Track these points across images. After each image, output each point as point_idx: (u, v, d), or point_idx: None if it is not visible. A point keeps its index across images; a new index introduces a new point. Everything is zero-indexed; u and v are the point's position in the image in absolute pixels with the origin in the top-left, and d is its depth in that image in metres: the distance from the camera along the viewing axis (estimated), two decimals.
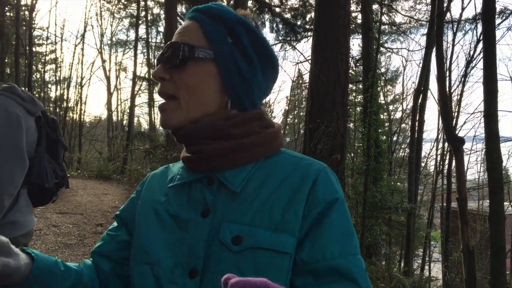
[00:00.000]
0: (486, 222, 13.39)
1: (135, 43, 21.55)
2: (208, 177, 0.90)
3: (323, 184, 0.87)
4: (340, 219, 0.84)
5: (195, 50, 0.90)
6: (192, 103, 0.91)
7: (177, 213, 0.91)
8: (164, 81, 0.92)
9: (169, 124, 0.92)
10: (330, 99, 6.66)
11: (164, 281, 0.86)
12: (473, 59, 12.32)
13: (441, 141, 17.06)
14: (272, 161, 0.93)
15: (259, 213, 0.84)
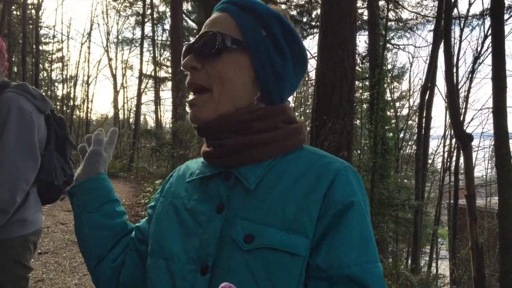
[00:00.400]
0: (494, 219, 13.33)
1: (141, 41, 21.59)
2: (226, 172, 0.89)
3: (341, 184, 0.81)
4: (358, 224, 0.79)
5: (230, 40, 0.88)
6: (224, 96, 0.88)
7: (193, 207, 0.90)
8: (196, 71, 0.89)
9: (200, 119, 0.89)
10: (337, 96, 6.63)
11: (177, 277, 0.84)
12: (480, 55, 12.24)
13: (448, 137, 16.98)
14: (291, 158, 0.89)
15: (272, 212, 0.81)
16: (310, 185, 0.82)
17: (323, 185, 0.81)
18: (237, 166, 0.87)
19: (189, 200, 0.92)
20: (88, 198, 1.03)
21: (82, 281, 4.96)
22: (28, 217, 2.18)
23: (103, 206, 1.04)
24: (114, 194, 1.08)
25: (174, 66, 14.86)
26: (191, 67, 0.89)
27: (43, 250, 5.97)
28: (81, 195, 1.03)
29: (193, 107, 0.90)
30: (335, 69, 6.70)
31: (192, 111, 0.90)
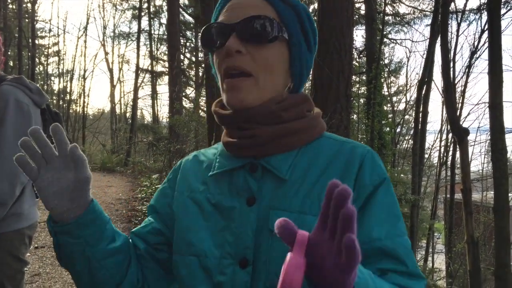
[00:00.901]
0: (490, 213, 13.39)
1: (138, 35, 21.50)
2: (251, 164, 0.88)
3: (369, 167, 0.86)
4: (386, 201, 0.84)
5: (283, 29, 0.88)
6: (268, 84, 0.87)
7: (219, 201, 0.89)
8: (240, 55, 0.85)
9: (244, 104, 0.86)
10: (334, 91, 6.62)
11: (214, 272, 0.84)
12: (477, 49, 12.24)
13: (445, 132, 17.03)
14: (315, 146, 0.91)
15: (307, 200, 0.83)
16: (340, 171, 0.86)
17: (352, 170, 0.85)
18: (266, 156, 0.88)
19: (213, 195, 0.91)
20: (89, 232, 0.87)
21: None
22: (24, 211, 2.18)
23: (104, 233, 0.89)
24: (105, 215, 0.94)
25: (171, 60, 14.80)
26: (236, 51, 0.84)
27: (39, 244, 5.97)
28: (80, 231, 0.85)
29: (238, 91, 0.86)
30: (332, 63, 6.69)
31: (236, 93, 0.86)
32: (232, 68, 0.85)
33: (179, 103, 13.81)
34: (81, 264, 0.87)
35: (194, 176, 0.98)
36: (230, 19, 0.87)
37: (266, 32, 0.85)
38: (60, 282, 4.73)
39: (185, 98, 17.97)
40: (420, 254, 14.66)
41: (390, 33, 16.67)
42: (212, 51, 0.92)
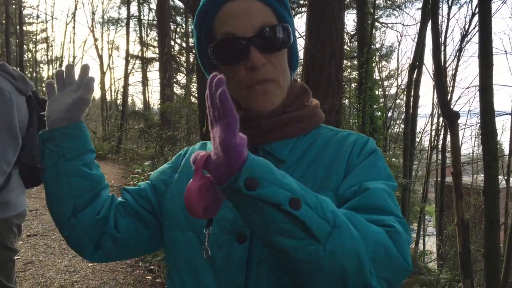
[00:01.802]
0: (480, 196, 13.53)
1: (127, 21, 21.26)
2: (252, 149, 0.92)
3: (360, 147, 0.93)
4: (368, 163, 0.90)
5: (291, 32, 0.94)
6: (285, 84, 0.96)
7: None
8: (264, 66, 0.90)
9: (274, 105, 0.93)
10: (325, 76, 6.60)
11: (211, 246, 0.87)
12: (468, 33, 12.26)
13: (435, 116, 17.11)
14: (313, 134, 0.99)
15: (303, 178, 0.88)
16: (334, 152, 0.93)
17: (344, 153, 0.92)
18: (266, 143, 0.94)
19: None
20: (69, 145, 0.97)
21: (72, 263, 4.97)
22: (11, 200, 2.16)
23: (84, 155, 1.00)
24: (92, 145, 1.05)
25: (161, 47, 14.67)
26: (262, 64, 0.90)
27: (32, 232, 5.96)
28: (61, 141, 0.97)
29: (267, 95, 0.92)
30: (323, 48, 6.65)
31: (266, 98, 0.92)
32: (263, 80, 0.91)
33: (170, 90, 13.74)
34: (51, 173, 0.97)
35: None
36: (241, 30, 0.90)
37: (283, 41, 0.93)
38: (54, 270, 4.73)
39: (176, 84, 17.87)
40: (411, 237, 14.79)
41: (381, 17, 16.63)
42: (228, 64, 0.94)
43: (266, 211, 0.66)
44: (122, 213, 1.03)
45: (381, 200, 0.80)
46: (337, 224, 0.68)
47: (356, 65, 11.95)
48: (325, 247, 0.67)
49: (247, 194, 0.65)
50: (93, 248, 1.02)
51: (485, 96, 3.42)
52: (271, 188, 0.65)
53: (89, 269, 4.83)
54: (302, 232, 0.67)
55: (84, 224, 0.98)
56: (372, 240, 0.71)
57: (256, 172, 0.65)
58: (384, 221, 0.76)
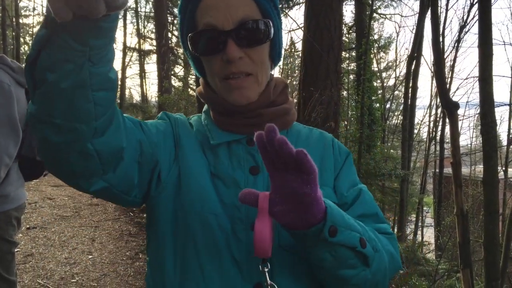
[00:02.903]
0: (479, 187, 13.57)
1: (124, 13, 21.05)
2: (248, 138, 0.95)
3: (338, 146, 1.07)
4: (350, 168, 1.06)
5: (272, 27, 0.94)
6: (263, 78, 0.96)
7: (220, 171, 0.93)
8: (240, 60, 0.91)
9: (250, 100, 0.94)
10: (324, 67, 6.59)
11: (229, 234, 0.88)
12: (466, 24, 12.20)
13: (434, 107, 17.11)
14: (294, 129, 1.06)
15: None
16: (321, 151, 1.03)
17: (329, 150, 1.04)
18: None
19: (213, 165, 0.94)
20: (100, 43, 0.67)
21: (72, 255, 4.98)
22: (11, 193, 2.15)
23: (111, 55, 0.73)
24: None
25: (158, 39, 14.60)
26: (239, 58, 0.90)
27: (31, 225, 5.96)
28: (93, 37, 0.65)
29: (242, 89, 0.93)
30: (322, 39, 6.64)
31: (241, 92, 0.93)
32: (238, 73, 0.92)
33: (168, 82, 13.69)
34: (65, 82, 0.67)
35: (194, 137, 0.99)
36: (220, 23, 0.89)
37: (262, 36, 0.92)
38: (54, 262, 4.74)
39: (174, 77, 17.79)
40: (410, 228, 14.87)
41: (379, 8, 16.52)
42: (206, 56, 0.94)
43: (341, 251, 0.78)
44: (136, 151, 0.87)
45: (374, 207, 1.01)
46: (377, 249, 0.86)
47: (355, 56, 11.92)
48: (371, 270, 0.84)
49: (331, 241, 0.75)
50: (98, 180, 0.81)
51: (485, 86, 3.41)
52: (346, 233, 0.78)
53: (89, 261, 4.84)
54: (361, 264, 0.82)
55: (104, 152, 0.77)
56: (387, 252, 0.91)
57: (335, 219, 0.76)
58: (385, 229, 0.98)
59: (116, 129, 0.79)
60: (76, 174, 0.79)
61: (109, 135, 0.76)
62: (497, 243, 3.54)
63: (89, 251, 5.18)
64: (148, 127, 0.94)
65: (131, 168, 0.86)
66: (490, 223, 3.46)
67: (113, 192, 0.86)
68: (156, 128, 0.96)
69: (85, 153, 0.74)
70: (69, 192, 7.96)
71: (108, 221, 6.40)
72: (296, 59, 21.83)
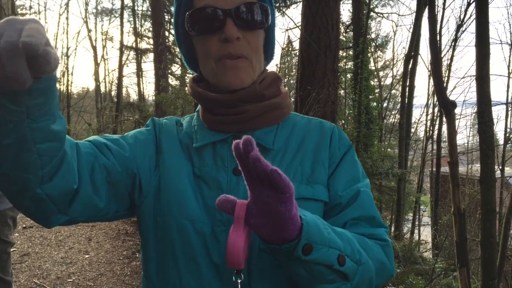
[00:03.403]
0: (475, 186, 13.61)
1: (121, 12, 21.07)
2: (234, 137, 0.92)
3: (337, 138, 1.00)
4: (351, 164, 0.98)
5: (270, 14, 0.92)
6: (257, 65, 0.94)
7: (204, 173, 0.92)
8: (237, 41, 0.89)
9: (244, 83, 0.91)
10: (321, 66, 6.59)
11: (209, 238, 0.87)
12: (463, 22, 12.20)
13: (431, 106, 17.11)
14: (289, 121, 1.01)
15: (291, 167, 0.92)
16: (315, 142, 0.97)
17: (326, 141, 0.98)
18: (248, 131, 0.92)
19: (198, 167, 0.93)
20: (37, 102, 0.67)
21: (68, 254, 4.96)
22: None
23: (54, 109, 0.72)
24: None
25: (155, 37, 14.57)
26: (236, 38, 0.88)
27: (27, 224, 5.94)
28: (29, 98, 0.66)
29: (237, 70, 0.90)
30: (319, 38, 6.64)
31: (236, 73, 0.90)
32: (233, 55, 0.89)
33: (165, 81, 13.68)
34: (8, 139, 0.68)
35: (178, 140, 0.98)
36: (220, 3, 0.87)
37: (261, 20, 0.90)
38: (50, 262, 4.72)
39: (171, 76, 17.76)
40: (407, 227, 14.90)
41: (376, 7, 16.53)
42: (203, 34, 0.91)
43: (316, 269, 0.75)
44: (102, 174, 0.88)
45: (372, 210, 0.94)
46: (362, 262, 0.82)
47: (352, 55, 11.93)
48: (352, 284, 0.81)
49: (304, 259, 0.72)
50: (58, 217, 0.84)
51: (482, 85, 3.41)
52: (323, 250, 0.74)
53: (85, 261, 4.82)
54: (341, 279, 0.79)
55: (55, 195, 0.79)
56: (376, 260, 0.87)
57: (311, 237, 0.72)
58: (380, 235, 0.93)
59: (66, 171, 0.79)
60: (35, 216, 0.83)
61: (57, 179, 0.78)
62: (494, 242, 3.54)
63: (85, 250, 5.16)
64: (120, 142, 0.94)
65: (92, 196, 0.86)
66: (487, 222, 3.46)
67: (81, 219, 0.89)
68: (134, 139, 0.97)
69: (36, 199, 0.77)
70: None
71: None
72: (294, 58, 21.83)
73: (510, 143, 13.98)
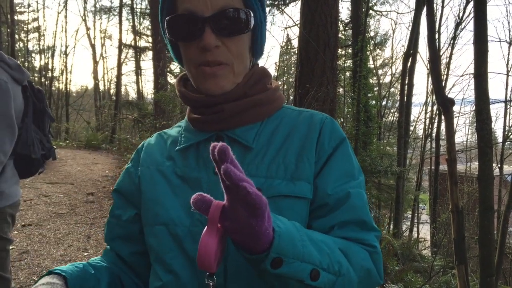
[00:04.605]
0: (474, 184, 13.62)
1: (120, 10, 21.06)
2: (217, 136, 0.92)
3: (328, 131, 0.94)
4: (342, 161, 0.92)
5: (252, 18, 0.90)
6: (241, 69, 0.92)
7: (186, 173, 0.92)
8: (217, 49, 0.87)
9: (224, 89, 0.90)
10: (320, 64, 6.59)
11: (185, 240, 0.87)
12: (462, 20, 12.27)
13: (429, 104, 17.16)
14: (277, 116, 0.97)
15: (273, 164, 0.89)
16: (302, 136, 0.93)
17: (314, 134, 0.92)
18: (230, 129, 0.92)
19: (180, 168, 0.94)
20: None
21: (67, 252, 4.96)
22: (5, 190, 2.14)
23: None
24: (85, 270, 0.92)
25: (154, 35, 14.56)
26: (215, 46, 0.86)
27: (26, 222, 5.94)
28: None
29: (217, 78, 0.89)
30: (318, 36, 6.64)
31: (215, 81, 0.89)
32: (213, 62, 0.87)
33: (164, 79, 13.68)
34: None
35: (160, 152, 1.00)
36: (200, 9, 0.86)
37: (241, 26, 0.88)
38: (49, 259, 4.73)
39: (169, 74, 17.74)
40: (405, 225, 14.92)
41: (375, 5, 16.52)
42: (182, 41, 0.91)
43: (289, 283, 0.72)
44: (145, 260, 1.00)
45: (363, 213, 0.88)
46: (341, 273, 0.78)
47: (351, 53, 11.93)
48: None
49: (273, 273, 0.69)
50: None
51: (480, 82, 3.42)
52: (295, 265, 0.70)
53: (85, 259, 4.83)
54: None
55: None
56: (360, 268, 0.83)
57: (282, 250, 0.69)
58: (368, 240, 0.87)
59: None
60: None
61: None
62: (492, 239, 3.55)
63: (84, 248, 5.17)
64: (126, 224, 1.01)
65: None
66: (485, 220, 3.47)
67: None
68: (129, 187, 1.01)
69: None
70: (64, 189, 7.94)
71: (103, 218, 6.39)
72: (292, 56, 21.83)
73: (508, 141, 14.00)
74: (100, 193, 7.76)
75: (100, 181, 8.78)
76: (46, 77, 24.03)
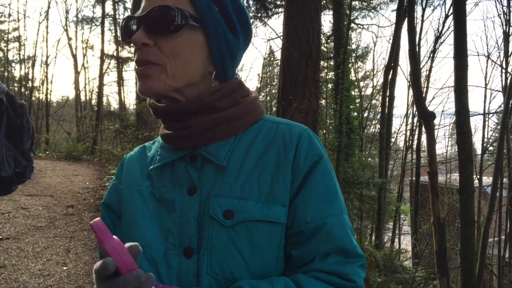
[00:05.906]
0: (454, 195, 13.80)
1: (102, 20, 20.94)
2: (191, 154, 0.88)
3: (305, 148, 0.86)
4: (322, 181, 0.85)
5: (188, 16, 0.84)
6: (178, 72, 0.85)
7: (162, 194, 0.89)
8: (147, 47, 0.84)
9: (153, 91, 0.85)
10: (302, 76, 6.64)
11: (160, 263, 0.84)
12: (441, 34, 12.50)
13: (410, 116, 17.37)
14: (253, 130, 0.91)
15: (247, 185, 0.84)
16: (278, 153, 0.86)
17: (290, 151, 0.86)
18: (203, 146, 0.87)
19: (157, 188, 0.91)
20: None
21: (45, 266, 4.86)
22: None
23: None
24: None
25: None
26: (142, 44, 0.84)
27: (4, 236, 5.80)
28: None
29: (145, 79, 0.85)
30: (300, 48, 6.69)
31: (144, 82, 0.85)
32: (141, 62, 0.85)
33: None
34: None
35: (140, 170, 0.97)
36: (142, 10, 0.86)
37: (167, 22, 0.83)
38: (27, 274, 4.62)
39: None
40: (387, 236, 15.01)
41: (357, 18, 16.75)
42: (124, 42, 0.90)
43: None
44: None
45: (344, 241, 0.82)
46: None
47: (333, 65, 12.04)
48: None
49: None
50: None
51: (460, 96, 3.48)
52: None
53: (64, 273, 4.73)
54: None
55: None
56: None
57: None
58: (348, 275, 0.80)
59: None
60: None
61: None
62: (473, 251, 3.59)
63: (64, 262, 5.06)
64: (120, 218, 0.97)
65: None
66: (466, 231, 3.51)
67: None
68: (118, 204, 0.98)
69: None
70: (43, 201, 7.79)
71: (83, 231, 6.28)
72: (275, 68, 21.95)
73: (487, 152, 14.25)
74: (80, 206, 7.63)
75: (81, 193, 8.64)
76: (26, 87, 23.70)
